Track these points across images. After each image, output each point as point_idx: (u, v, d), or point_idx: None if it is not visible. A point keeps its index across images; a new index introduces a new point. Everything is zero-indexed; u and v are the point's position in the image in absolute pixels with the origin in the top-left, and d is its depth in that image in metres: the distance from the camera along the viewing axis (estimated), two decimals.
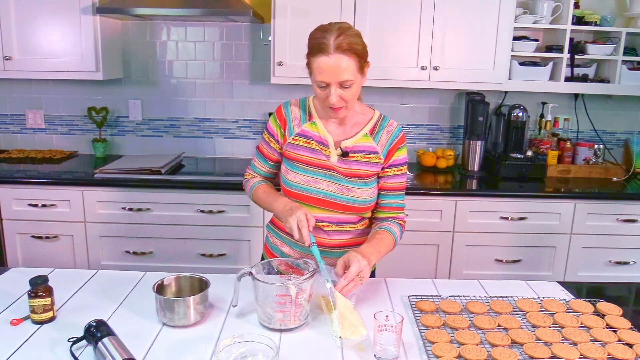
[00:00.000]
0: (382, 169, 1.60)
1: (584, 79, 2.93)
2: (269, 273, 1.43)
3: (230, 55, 3.13)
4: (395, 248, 2.63)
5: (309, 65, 1.48)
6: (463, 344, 1.23)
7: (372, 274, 1.77)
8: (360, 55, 1.45)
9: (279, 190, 1.67)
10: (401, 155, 1.61)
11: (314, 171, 1.57)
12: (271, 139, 1.65)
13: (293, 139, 1.60)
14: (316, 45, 1.43)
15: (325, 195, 1.57)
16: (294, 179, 1.58)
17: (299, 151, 1.59)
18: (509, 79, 2.86)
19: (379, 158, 1.59)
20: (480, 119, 2.95)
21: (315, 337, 1.30)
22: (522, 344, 1.25)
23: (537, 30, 2.99)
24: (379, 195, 1.63)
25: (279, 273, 1.45)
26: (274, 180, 1.74)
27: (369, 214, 1.66)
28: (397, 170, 1.62)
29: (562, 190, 2.74)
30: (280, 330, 1.32)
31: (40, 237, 2.71)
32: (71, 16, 2.74)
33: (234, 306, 1.39)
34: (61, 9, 2.74)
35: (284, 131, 1.62)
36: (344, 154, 1.57)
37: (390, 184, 1.62)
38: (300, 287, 1.29)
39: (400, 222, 1.65)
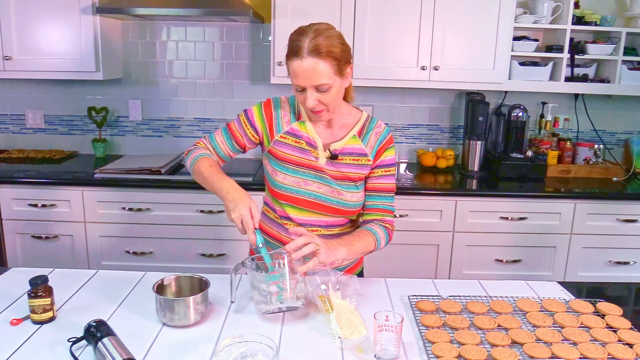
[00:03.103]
0: (371, 169, 1.57)
1: (584, 79, 2.93)
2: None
3: (230, 55, 3.13)
4: (396, 248, 2.65)
5: (287, 68, 1.43)
6: (463, 344, 1.23)
7: (361, 274, 1.75)
8: (338, 58, 1.38)
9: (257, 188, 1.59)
10: (389, 155, 1.59)
11: (303, 172, 1.54)
12: (248, 124, 1.56)
13: (281, 137, 1.54)
14: (291, 48, 1.38)
15: (315, 197, 1.54)
16: (283, 180, 1.54)
17: (288, 150, 1.54)
18: (509, 79, 2.86)
19: (368, 160, 1.56)
20: (480, 119, 2.95)
21: (315, 337, 1.29)
22: (522, 344, 1.25)
23: (537, 30, 2.99)
24: (366, 196, 1.59)
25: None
26: (223, 163, 1.62)
27: (358, 217, 1.63)
28: (385, 171, 1.58)
29: (562, 190, 2.74)
30: (280, 311, 1.32)
31: (40, 237, 2.71)
32: (71, 16, 2.74)
33: (232, 302, 1.39)
34: (61, 9, 2.74)
35: (269, 127, 1.55)
36: (333, 157, 1.53)
37: (377, 185, 1.58)
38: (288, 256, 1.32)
39: (387, 225, 1.57)
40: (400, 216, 2.65)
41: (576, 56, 2.88)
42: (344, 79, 1.45)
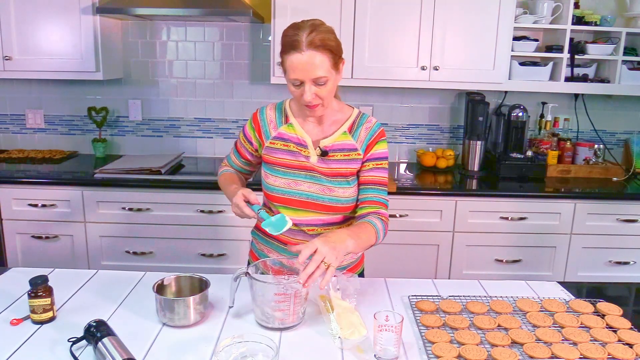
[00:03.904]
0: (362, 163, 1.57)
1: (584, 79, 2.93)
2: (262, 274, 1.43)
3: (230, 55, 3.13)
4: (396, 248, 2.66)
5: (282, 63, 1.44)
6: (463, 344, 1.23)
7: (362, 275, 1.75)
8: (334, 52, 1.42)
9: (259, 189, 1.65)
10: (380, 148, 1.57)
11: (294, 173, 1.55)
12: (245, 140, 1.65)
13: (270, 143, 1.58)
14: (289, 42, 1.40)
15: (307, 196, 1.55)
16: (274, 182, 1.57)
17: (278, 154, 1.56)
18: (509, 79, 2.86)
19: (359, 154, 1.56)
20: (480, 119, 2.95)
21: (315, 337, 1.29)
22: (522, 344, 1.25)
23: (537, 30, 2.99)
24: (359, 190, 1.58)
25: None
26: (248, 175, 1.76)
27: (353, 214, 1.61)
28: (377, 164, 1.57)
29: (562, 190, 2.74)
30: (280, 329, 1.32)
31: (40, 237, 2.71)
32: (71, 16, 2.74)
33: (230, 307, 1.39)
34: (61, 9, 2.74)
35: (259, 136, 1.60)
36: (323, 154, 1.54)
37: (369, 178, 1.57)
38: (298, 286, 1.28)
39: (382, 217, 1.54)
40: (400, 216, 2.65)
41: (576, 56, 2.88)
42: (338, 74, 1.47)
